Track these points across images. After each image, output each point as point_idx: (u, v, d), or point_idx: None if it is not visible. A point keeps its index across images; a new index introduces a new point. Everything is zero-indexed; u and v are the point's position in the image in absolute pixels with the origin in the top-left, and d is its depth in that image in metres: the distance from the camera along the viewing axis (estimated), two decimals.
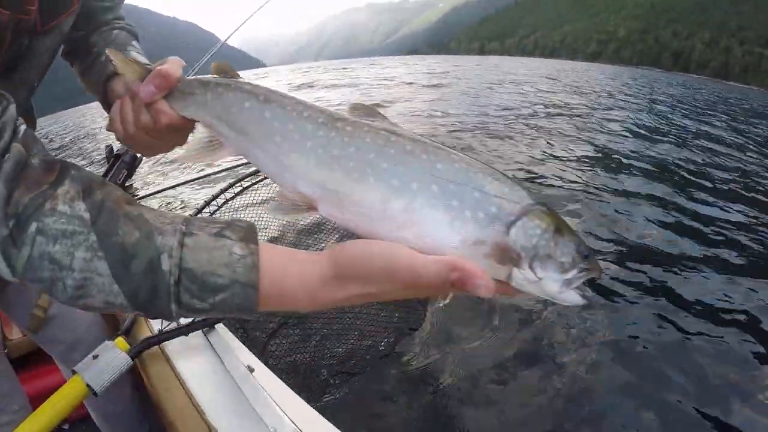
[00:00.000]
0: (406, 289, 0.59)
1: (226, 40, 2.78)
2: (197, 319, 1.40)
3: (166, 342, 1.33)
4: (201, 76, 0.80)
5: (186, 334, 1.32)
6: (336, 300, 0.61)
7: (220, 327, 1.40)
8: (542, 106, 16.72)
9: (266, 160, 0.71)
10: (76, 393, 1.05)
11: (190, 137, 0.83)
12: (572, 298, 0.63)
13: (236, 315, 0.62)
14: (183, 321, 1.37)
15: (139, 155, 1.61)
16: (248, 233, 0.62)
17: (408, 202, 0.62)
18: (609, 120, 14.23)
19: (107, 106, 0.97)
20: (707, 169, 9.32)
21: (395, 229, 0.62)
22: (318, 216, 0.67)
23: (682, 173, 8.77)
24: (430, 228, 0.61)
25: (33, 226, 0.56)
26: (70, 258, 0.56)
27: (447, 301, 0.86)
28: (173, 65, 0.78)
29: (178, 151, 0.84)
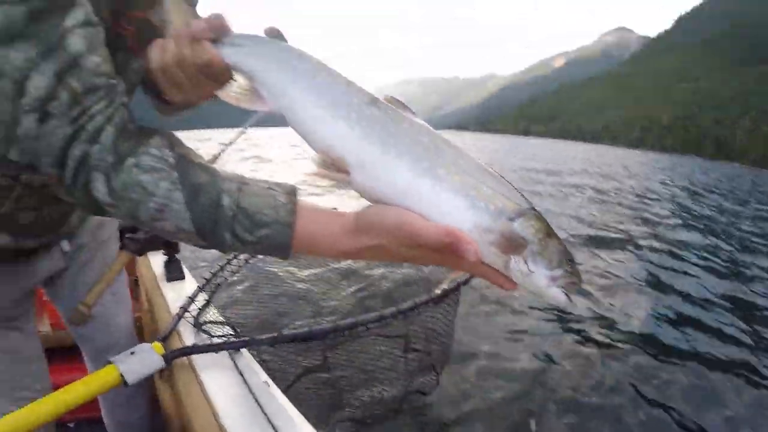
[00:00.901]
0: (409, 246, 0.69)
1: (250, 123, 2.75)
2: (229, 339, 1.48)
3: (195, 355, 1.41)
4: (251, 33, 0.82)
5: (216, 351, 1.39)
6: (352, 248, 0.72)
7: (245, 352, 1.48)
8: (577, 190, 16.67)
9: (307, 120, 0.75)
10: (108, 379, 1.12)
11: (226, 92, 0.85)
12: (557, 295, 0.71)
13: (273, 253, 0.75)
14: (215, 340, 1.47)
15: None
16: (291, 190, 0.75)
17: (434, 184, 0.69)
18: (649, 209, 13.90)
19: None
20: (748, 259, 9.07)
21: (419, 205, 0.69)
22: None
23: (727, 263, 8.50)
24: (449, 209, 0.68)
25: (131, 161, 0.70)
26: (156, 186, 0.70)
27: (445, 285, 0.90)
28: (221, 20, 0.81)
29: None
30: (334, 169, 0.72)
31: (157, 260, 2.17)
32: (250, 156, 23.49)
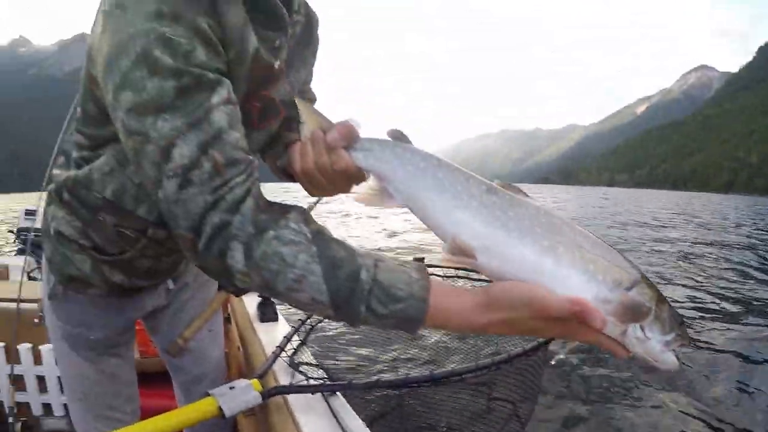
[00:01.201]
0: (538, 318, 0.73)
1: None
2: (325, 382, 1.50)
3: (290, 395, 1.43)
4: (377, 137, 0.92)
5: (313, 392, 1.42)
6: (481, 323, 0.75)
7: (339, 395, 1.48)
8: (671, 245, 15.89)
9: (434, 213, 0.82)
10: (206, 410, 1.16)
11: (357, 187, 0.95)
12: (670, 359, 0.74)
13: (403, 327, 0.77)
14: (311, 381, 1.50)
15: None
16: (422, 267, 0.79)
17: (556, 261, 0.73)
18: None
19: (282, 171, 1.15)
20: None
21: (543, 281, 0.73)
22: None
23: None
24: (571, 283, 0.73)
25: (271, 233, 0.76)
26: (295, 258, 0.75)
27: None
28: (354, 124, 0.92)
29: None
30: (462, 254, 0.77)
31: (250, 301, 2.28)
32: (336, 210, 24.10)
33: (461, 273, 1.79)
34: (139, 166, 0.81)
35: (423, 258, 0.93)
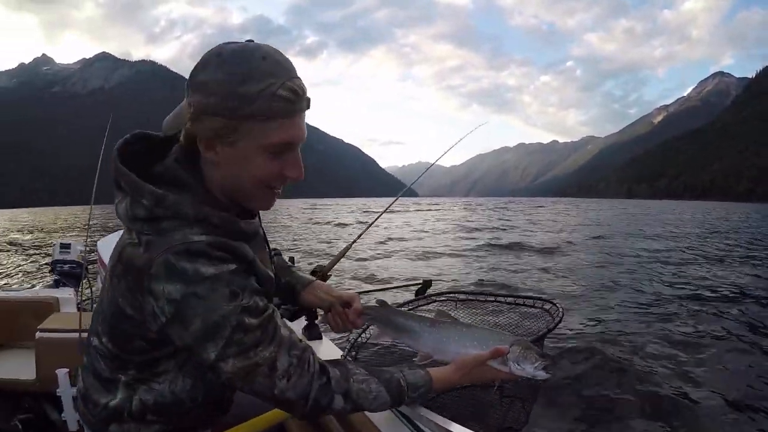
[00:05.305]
0: (476, 365, 1.35)
1: (411, 185, 3.50)
2: None
3: None
4: (369, 306, 1.62)
5: None
6: (457, 379, 1.37)
7: None
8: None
9: (409, 342, 1.54)
10: (280, 415, 1.55)
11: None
12: (541, 375, 1.31)
13: (424, 399, 1.36)
14: None
15: None
16: (425, 369, 1.38)
17: (469, 348, 1.40)
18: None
19: (291, 301, 1.74)
20: None
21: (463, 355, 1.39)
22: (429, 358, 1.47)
23: None
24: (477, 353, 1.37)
25: (352, 379, 1.23)
26: (370, 387, 1.25)
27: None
28: (358, 305, 1.59)
29: None
30: (426, 358, 1.47)
31: (295, 325, 2.52)
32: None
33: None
34: (251, 383, 1.11)
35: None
